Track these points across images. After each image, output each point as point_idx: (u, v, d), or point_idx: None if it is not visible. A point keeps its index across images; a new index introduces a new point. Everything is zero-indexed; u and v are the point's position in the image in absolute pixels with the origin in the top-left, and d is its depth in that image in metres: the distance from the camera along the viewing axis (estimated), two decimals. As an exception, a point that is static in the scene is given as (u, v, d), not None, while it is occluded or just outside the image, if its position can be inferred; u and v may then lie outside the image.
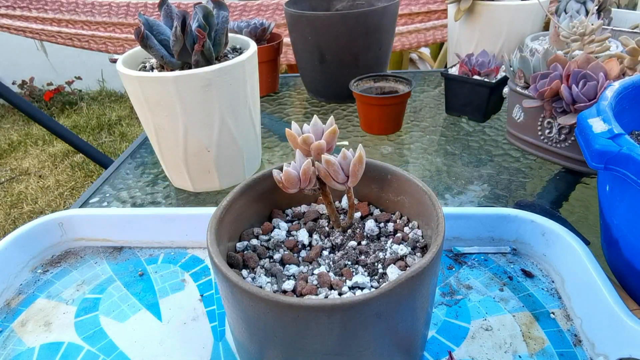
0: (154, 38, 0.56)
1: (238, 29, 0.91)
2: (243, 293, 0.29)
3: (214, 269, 0.32)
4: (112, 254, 0.55)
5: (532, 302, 0.45)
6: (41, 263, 0.54)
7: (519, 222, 0.50)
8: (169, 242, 0.55)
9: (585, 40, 0.69)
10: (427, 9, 1.47)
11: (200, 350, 0.42)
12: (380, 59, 0.88)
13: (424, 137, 0.79)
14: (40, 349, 0.43)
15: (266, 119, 0.88)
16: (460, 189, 0.65)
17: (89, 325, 0.45)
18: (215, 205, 0.63)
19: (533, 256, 0.50)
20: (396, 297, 0.29)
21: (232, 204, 0.37)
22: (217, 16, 0.59)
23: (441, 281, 0.48)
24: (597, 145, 0.38)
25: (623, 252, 0.40)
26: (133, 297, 0.48)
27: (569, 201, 0.61)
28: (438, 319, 0.44)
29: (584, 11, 0.93)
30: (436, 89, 0.98)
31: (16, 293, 0.50)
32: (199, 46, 0.56)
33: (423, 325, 0.36)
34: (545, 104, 0.62)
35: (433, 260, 0.30)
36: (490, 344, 0.41)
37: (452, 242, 0.52)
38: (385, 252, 0.37)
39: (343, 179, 0.35)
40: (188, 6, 1.37)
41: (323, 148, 0.35)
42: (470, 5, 0.96)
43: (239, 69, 0.58)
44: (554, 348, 0.40)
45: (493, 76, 0.78)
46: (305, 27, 0.83)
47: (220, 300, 0.47)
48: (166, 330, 0.44)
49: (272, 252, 0.38)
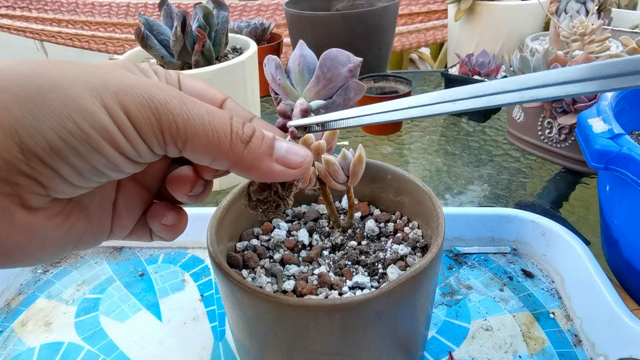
0: (154, 38, 0.56)
1: (238, 29, 0.91)
2: (243, 293, 0.29)
3: (214, 269, 0.32)
4: (112, 254, 0.55)
5: (532, 302, 0.45)
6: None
7: (519, 222, 0.50)
8: (169, 242, 0.55)
9: (585, 40, 0.69)
10: (427, 9, 1.47)
11: (200, 350, 0.42)
12: (380, 59, 0.88)
13: (424, 137, 0.79)
14: (41, 349, 0.43)
15: (266, 119, 0.88)
16: (461, 189, 0.65)
17: (89, 325, 0.45)
18: (215, 205, 0.63)
19: (533, 256, 0.50)
20: (396, 297, 0.29)
21: (232, 204, 0.37)
22: (217, 16, 0.59)
23: (441, 281, 0.48)
24: (597, 145, 0.38)
25: (623, 252, 0.40)
26: (133, 297, 0.48)
27: (569, 201, 0.61)
28: (438, 319, 0.44)
29: (584, 11, 0.93)
30: (436, 89, 0.98)
31: (16, 293, 0.50)
32: (199, 46, 0.56)
33: (423, 325, 0.36)
34: (546, 104, 0.62)
35: (433, 260, 0.30)
36: (490, 344, 0.41)
37: (452, 242, 0.52)
38: (386, 252, 0.37)
39: (343, 179, 0.35)
40: (188, 6, 1.37)
41: (323, 148, 0.35)
42: (470, 5, 0.96)
43: (239, 69, 0.58)
44: (554, 348, 0.40)
45: (493, 76, 0.78)
46: (305, 27, 0.83)
47: (220, 300, 0.47)
48: (166, 330, 0.44)
49: (272, 252, 0.38)
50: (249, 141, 0.22)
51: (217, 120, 0.21)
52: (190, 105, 0.20)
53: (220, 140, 0.21)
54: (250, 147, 0.21)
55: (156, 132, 0.19)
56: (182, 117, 0.20)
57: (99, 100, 0.18)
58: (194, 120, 0.20)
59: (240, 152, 0.21)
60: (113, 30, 1.51)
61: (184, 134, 0.20)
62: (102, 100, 0.18)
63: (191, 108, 0.20)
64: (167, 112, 0.19)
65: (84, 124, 0.18)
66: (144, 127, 0.19)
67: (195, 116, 0.20)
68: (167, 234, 0.26)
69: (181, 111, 0.20)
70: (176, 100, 0.20)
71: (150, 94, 0.19)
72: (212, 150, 0.21)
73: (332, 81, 0.27)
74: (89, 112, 0.18)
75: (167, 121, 0.19)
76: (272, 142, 0.23)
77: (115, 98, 0.18)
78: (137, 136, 0.19)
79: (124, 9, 1.48)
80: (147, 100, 0.19)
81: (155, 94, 0.19)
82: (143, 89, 0.19)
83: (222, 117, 0.21)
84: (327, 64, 0.26)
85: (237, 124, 0.21)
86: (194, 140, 0.20)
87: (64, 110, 0.17)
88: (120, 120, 0.19)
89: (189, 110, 0.20)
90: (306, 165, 0.23)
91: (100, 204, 0.24)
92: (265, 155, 0.22)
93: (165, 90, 0.20)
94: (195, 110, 0.20)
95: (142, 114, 0.19)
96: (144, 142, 0.20)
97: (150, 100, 0.19)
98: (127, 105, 0.19)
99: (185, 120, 0.20)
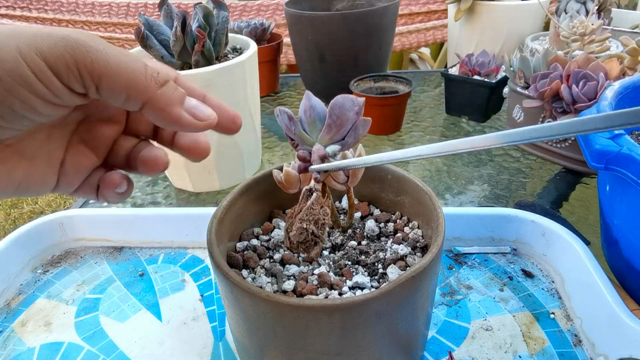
0: (154, 38, 0.56)
1: (238, 29, 0.91)
2: (243, 293, 0.29)
3: (214, 269, 0.32)
4: (112, 254, 0.55)
5: (532, 302, 0.45)
6: (41, 263, 0.54)
7: (519, 222, 0.50)
8: (169, 242, 0.55)
9: (585, 40, 0.69)
10: (427, 9, 1.47)
11: (200, 350, 0.42)
12: (380, 59, 0.88)
13: (424, 137, 0.79)
14: (41, 349, 0.43)
15: (266, 119, 0.88)
16: (461, 189, 0.65)
17: (89, 325, 0.45)
18: (215, 205, 0.63)
19: (533, 256, 0.50)
20: (396, 297, 0.29)
21: (232, 204, 0.37)
22: (217, 16, 0.59)
23: (441, 281, 0.48)
24: (597, 145, 0.38)
25: (623, 252, 0.40)
26: (133, 297, 0.48)
27: (569, 201, 0.61)
28: (438, 319, 0.44)
29: (584, 11, 0.93)
30: (436, 89, 0.98)
31: (16, 293, 0.50)
32: (199, 46, 0.56)
33: (423, 325, 0.36)
34: (546, 104, 0.62)
35: (433, 260, 0.30)
36: (490, 344, 0.41)
37: (452, 242, 0.52)
38: (386, 252, 0.37)
39: (343, 179, 0.35)
40: (188, 6, 1.37)
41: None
42: (470, 5, 0.96)
43: (239, 69, 0.58)
44: (554, 348, 0.40)
45: (493, 76, 0.78)
46: (305, 27, 0.83)
47: (220, 300, 0.47)
48: (166, 330, 0.44)
49: (272, 252, 0.38)
50: (163, 85, 0.23)
51: (133, 61, 0.22)
52: (105, 44, 0.21)
53: (136, 77, 0.22)
54: (164, 90, 0.23)
55: (71, 67, 0.20)
56: (96, 52, 0.21)
57: (16, 48, 0.20)
58: (109, 56, 0.21)
59: (154, 91, 0.23)
60: (113, 30, 1.51)
61: (98, 67, 0.21)
62: (18, 48, 0.20)
63: (107, 46, 0.21)
64: (81, 47, 0.21)
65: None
66: (58, 65, 0.20)
67: (110, 54, 0.21)
68: (117, 199, 0.28)
69: (96, 47, 0.21)
70: (91, 40, 0.21)
71: (66, 34, 0.20)
72: (126, 86, 0.22)
73: (342, 126, 0.30)
74: (3, 59, 0.19)
75: (81, 55, 0.20)
76: (184, 94, 0.24)
77: (32, 44, 0.20)
78: (51, 75, 0.20)
79: (124, 9, 1.48)
80: (62, 40, 0.20)
81: (71, 35, 0.21)
82: (61, 32, 0.21)
83: (138, 60, 0.22)
84: (336, 111, 0.30)
85: (152, 70, 0.23)
86: (109, 75, 0.21)
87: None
88: (34, 62, 0.20)
89: (104, 47, 0.21)
90: (211, 121, 0.25)
91: (47, 159, 0.25)
92: (177, 101, 0.24)
93: (85, 34, 0.21)
94: (111, 49, 0.21)
95: (56, 51, 0.20)
96: (59, 81, 0.21)
97: (65, 40, 0.20)
98: (41, 47, 0.20)
99: (100, 55, 0.21)
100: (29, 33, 0.20)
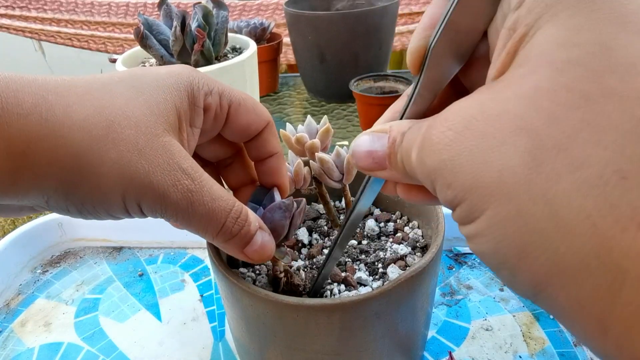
0: (153, 38, 0.56)
1: (238, 29, 0.91)
2: (243, 293, 0.29)
3: (213, 269, 0.32)
4: (112, 254, 0.55)
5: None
6: (41, 263, 0.54)
7: (519, 221, 0.50)
8: (169, 242, 0.55)
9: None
10: (427, 9, 1.47)
11: (200, 350, 0.42)
12: (380, 58, 0.88)
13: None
14: (40, 349, 0.43)
15: (266, 118, 0.88)
16: (460, 189, 0.65)
17: (88, 326, 0.45)
18: (215, 205, 0.63)
19: (533, 256, 0.50)
20: (396, 297, 0.29)
21: (232, 203, 0.37)
22: (217, 16, 0.59)
23: (441, 281, 0.48)
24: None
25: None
26: (133, 297, 0.48)
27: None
28: (438, 319, 0.44)
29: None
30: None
31: (16, 293, 0.50)
32: (199, 46, 0.56)
33: (423, 325, 0.35)
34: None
35: (433, 260, 0.30)
36: (490, 344, 0.41)
37: (452, 242, 0.52)
38: (386, 251, 0.37)
39: (338, 177, 0.35)
40: (188, 6, 1.37)
41: (317, 147, 0.35)
42: (470, 5, 0.96)
43: (238, 69, 0.58)
44: (555, 348, 0.40)
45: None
46: (305, 27, 0.83)
47: (220, 300, 0.47)
48: (166, 330, 0.44)
49: (272, 252, 0.38)
50: (240, 230, 0.26)
51: (213, 224, 0.25)
52: (195, 205, 0.24)
53: (217, 220, 0.25)
54: (237, 235, 0.26)
55: (158, 212, 0.23)
56: (184, 215, 0.24)
57: (122, 195, 0.22)
58: (194, 218, 0.24)
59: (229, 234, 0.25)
60: (112, 30, 1.51)
61: (181, 225, 0.25)
62: (123, 196, 0.22)
63: (195, 208, 0.24)
64: (173, 212, 0.23)
65: (100, 208, 0.22)
66: (150, 213, 0.23)
67: (196, 218, 0.24)
68: None
69: (186, 211, 0.23)
70: (185, 202, 0.23)
71: (164, 193, 0.23)
72: (203, 229, 0.25)
73: (279, 235, 0.29)
74: (110, 205, 0.23)
75: (172, 212, 0.23)
76: (251, 238, 0.26)
77: (139, 195, 0.22)
78: (138, 211, 0.23)
79: (123, 8, 1.48)
80: (160, 199, 0.23)
81: (169, 194, 0.23)
82: (162, 188, 0.23)
83: (218, 220, 0.25)
84: (269, 224, 0.29)
85: (231, 222, 0.25)
86: (189, 227, 0.25)
87: (88, 196, 0.22)
88: (132, 208, 0.23)
89: (193, 210, 0.24)
90: (263, 260, 0.28)
91: None
92: (244, 243, 0.26)
93: (180, 189, 0.23)
94: (197, 212, 0.24)
95: (153, 210, 0.23)
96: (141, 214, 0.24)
97: (163, 199, 0.23)
98: (142, 203, 0.23)
99: (187, 219, 0.24)
100: (138, 184, 0.22)
